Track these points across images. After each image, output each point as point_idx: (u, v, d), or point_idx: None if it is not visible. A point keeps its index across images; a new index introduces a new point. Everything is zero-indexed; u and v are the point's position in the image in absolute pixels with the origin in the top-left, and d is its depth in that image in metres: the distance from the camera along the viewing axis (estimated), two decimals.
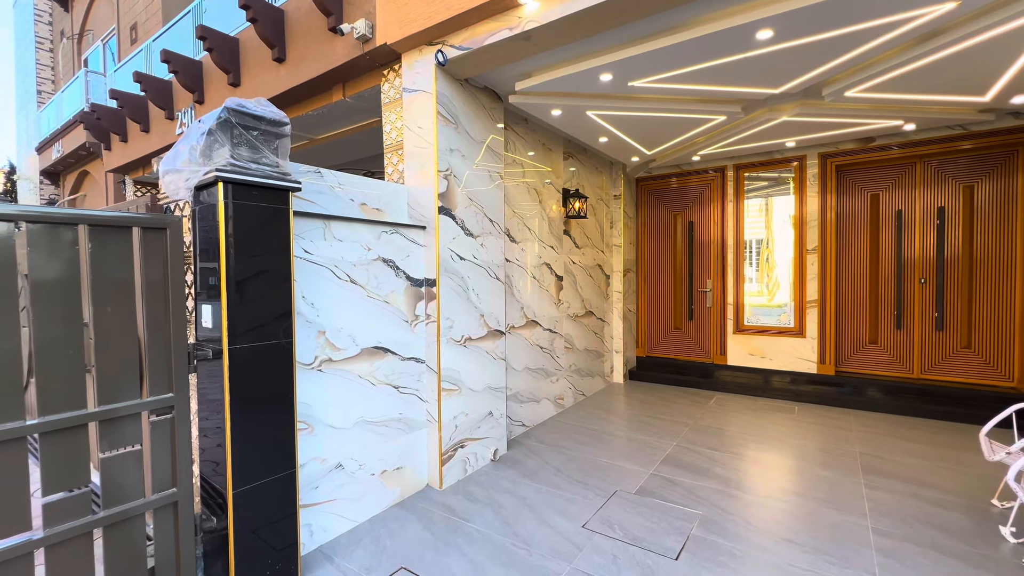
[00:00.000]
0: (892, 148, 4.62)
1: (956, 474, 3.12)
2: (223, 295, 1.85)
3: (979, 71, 3.13)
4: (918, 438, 3.79)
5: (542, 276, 4.30)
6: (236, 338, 1.87)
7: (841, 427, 4.07)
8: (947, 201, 4.53)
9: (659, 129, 4.19)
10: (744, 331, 5.40)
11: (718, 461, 3.39)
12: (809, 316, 5.03)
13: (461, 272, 3.15)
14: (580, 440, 3.84)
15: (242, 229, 1.89)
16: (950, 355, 4.56)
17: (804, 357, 5.06)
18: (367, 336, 2.66)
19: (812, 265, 5.01)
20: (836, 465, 3.28)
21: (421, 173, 3.04)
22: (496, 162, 3.48)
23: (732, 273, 5.45)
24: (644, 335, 6.14)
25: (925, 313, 4.65)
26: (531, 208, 4.15)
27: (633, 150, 4.91)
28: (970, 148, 4.34)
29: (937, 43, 2.77)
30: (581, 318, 5.01)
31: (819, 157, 4.92)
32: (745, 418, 4.35)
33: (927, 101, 3.58)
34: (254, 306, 1.93)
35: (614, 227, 5.70)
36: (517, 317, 3.95)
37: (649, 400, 4.99)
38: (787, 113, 3.85)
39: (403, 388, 2.89)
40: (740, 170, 5.36)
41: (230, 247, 1.86)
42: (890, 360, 4.81)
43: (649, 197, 6.07)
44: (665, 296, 5.99)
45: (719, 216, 5.53)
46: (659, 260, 6.02)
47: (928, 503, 2.75)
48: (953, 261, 4.52)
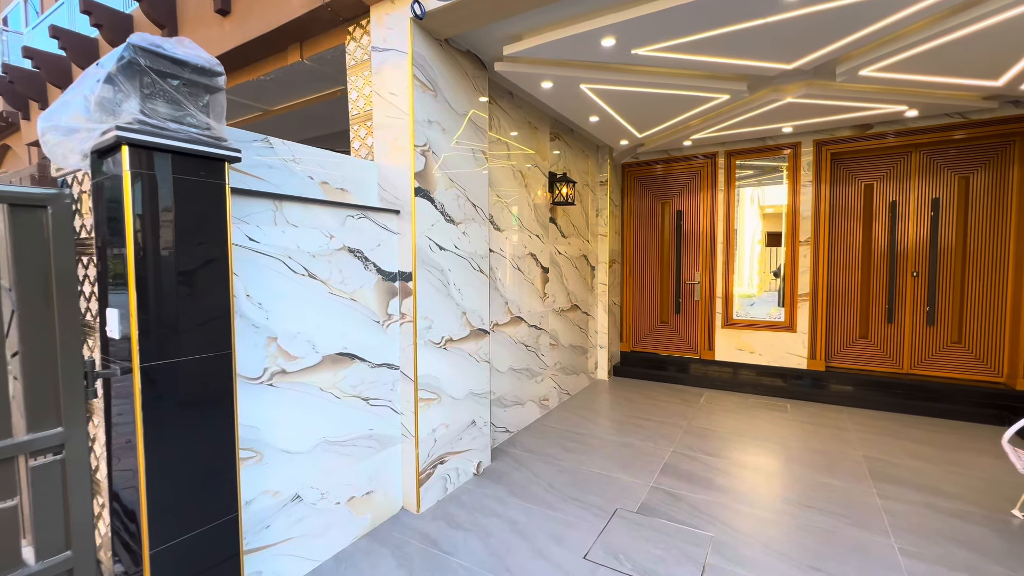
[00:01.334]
0: (888, 136, 4.44)
1: (966, 479, 2.97)
2: (131, 295, 1.39)
3: (999, 52, 2.92)
4: (917, 438, 3.66)
5: (527, 268, 3.93)
6: (151, 350, 1.42)
7: (838, 427, 3.91)
8: (942, 192, 4.41)
9: (656, 108, 3.85)
10: (733, 325, 5.20)
11: (719, 469, 3.14)
12: (800, 310, 4.86)
13: (441, 264, 2.74)
14: (569, 447, 3.52)
15: (158, 209, 1.43)
16: (941, 350, 4.47)
17: (794, 352, 4.91)
18: (330, 341, 2.23)
19: (804, 257, 4.83)
20: (843, 471, 3.09)
21: (394, 148, 2.60)
22: (480, 139, 3.06)
23: (721, 265, 5.23)
24: (629, 329, 5.88)
25: (917, 307, 4.54)
26: (516, 193, 3.76)
27: (624, 132, 4.57)
28: (967, 137, 4.21)
29: (964, 18, 2.52)
30: (566, 312, 4.68)
31: (814, 144, 4.71)
32: (739, 418, 4.14)
33: (938, 84, 3.37)
34: (177, 309, 1.48)
35: (600, 215, 5.37)
36: (501, 313, 3.58)
37: (637, 399, 4.73)
38: (792, 94, 3.58)
39: (374, 400, 2.48)
40: (732, 157, 5.11)
41: (140, 232, 1.40)
42: (880, 355, 4.70)
43: (636, 184, 5.76)
44: (652, 288, 5.73)
45: (709, 205, 5.28)
46: (646, 251, 5.75)
47: (948, 515, 2.56)
48: (946, 254, 4.41)
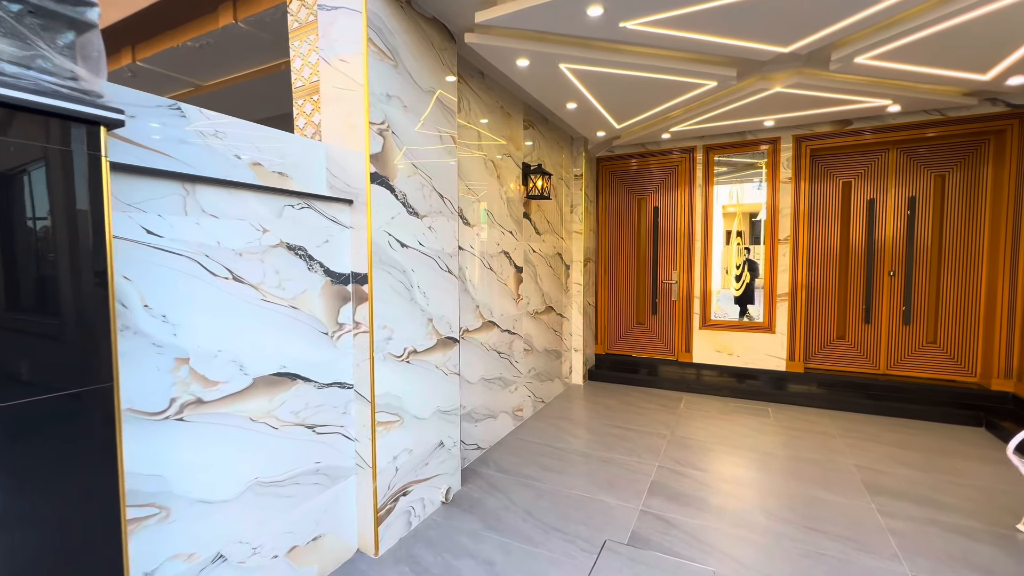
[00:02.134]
0: (865, 133, 4.36)
1: (960, 488, 2.85)
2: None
3: (993, 43, 2.80)
4: (900, 442, 3.55)
5: (500, 267, 3.58)
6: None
7: (822, 432, 3.76)
8: (919, 191, 4.36)
9: (639, 95, 3.58)
10: (711, 326, 5.03)
11: (711, 487, 2.89)
12: (779, 310, 4.73)
13: (402, 263, 2.35)
14: (547, 464, 3.20)
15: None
16: (916, 350, 4.44)
17: (773, 354, 4.78)
18: (264, 359, 1.81)
19: (784, 256, 4.70)
20: (838, 485, 2.90)
21: (346, 126, 2.19)
22: (448, 122, 2.68)
23: (700, 264, 5.04)
24: (604, 331, 5.63)
25: (893, 307, 4.49)
26: (487, 185, 3.40)
27: (602, 122, 4.28)
28: (943, 135, 4.16)
29: (966, 2, 2.35)
30: (541, 315, 4.36)
31: (794, 140, 4.58)
32: (722, 425, 3.94)
33: (928, 76, 3.25)
34: (21, 326, 1.04)
35: (574, 211, 5.08)
36: (472, 318, 3.21)
37: (615, 405, 4.47)
38: (781, 83, 3.38)
39: (322, 427, 2.07)
40: (710, 152, 4.93)
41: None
42: (858, 356, 4.63)
43: (611, 179, 5.51)
44: (627, 288, 5.50)
45: (687, 202, 5.08)
46: (621, 249, 5.51)
47: (953, 532, 2.40)
48: (922, 253, 4.37)
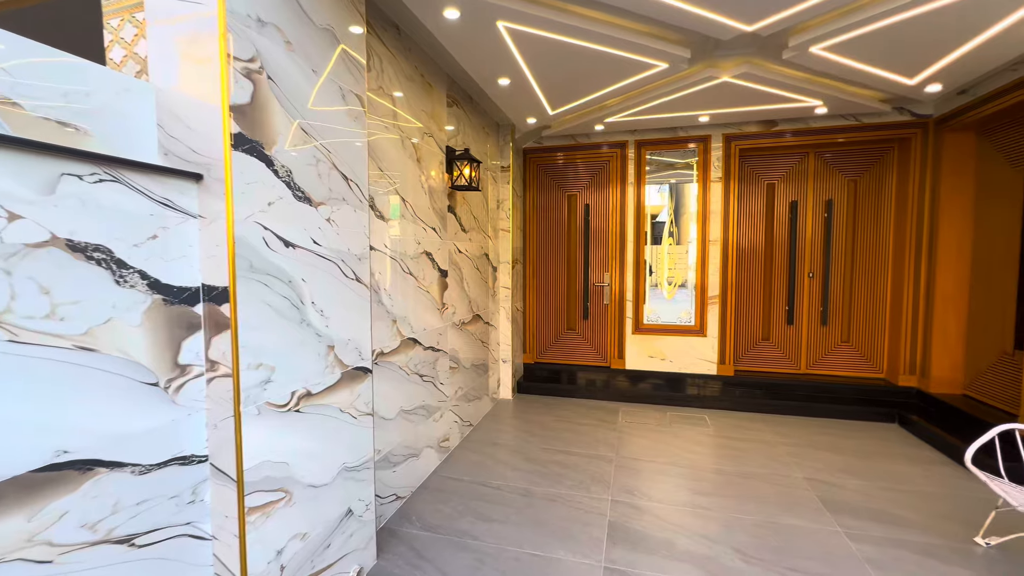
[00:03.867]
0: (787, 135, 4.37)
1: (907, 497, 2.79)
2: None
3: (930, 45, 2.77)
4: (834, 446, 3.53)
5: (422, 271, 2.93)
6: None
7: (762, 441, 3.64)
8: (835, 194, 4.47)
9: (582, 73, 3.13)
10: (644, 331, 4.81)
11: (673, 523, 2.53)
12: (711, 313, 4.63)
13: (287, 271, 1.63)
14: (483, 512, 2.63)
15: None
16: (832, 349, 4.57)
17: (705, 357, 4.67)
18: (18, 446, 1.02)
19: (714, 258, 4.60)
20: (796, 505, 2.70)
21: (190, 60, 1.42)
22: (356, 81, 2.00)
23: (632, 266, 4.79)
24: (534, 338, 5.19)
25: (813, 307, 4.58)
26: (405, 170, 2.74)
27: (534, 106, 3.79)
28: (856, 141, 4.29)
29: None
30: (468, 325, 3.77)
31: (724, 139, 4.48)
32: (665, 440, 3.67)
33: (864, 75, 3.21)
34: None
35: (501, 207, 4.56)
36: (388, 337, 2.53)
37: (550, 423, 4.03)
38: (729, 72, 3.15)
39: (147, 536, 1.30)
40: (642, 147, 4.69)
41: None
42: (781, 357, 4.68)
43: (540, 173, 5.07)
44: (558, 292, 5.11)
45: (618, 200, 4.81)
46: (551, 249, 5.10)
47: (920, 554, 2.26)
48: (838, 255, 4.50)
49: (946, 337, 3.99)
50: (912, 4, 2.32)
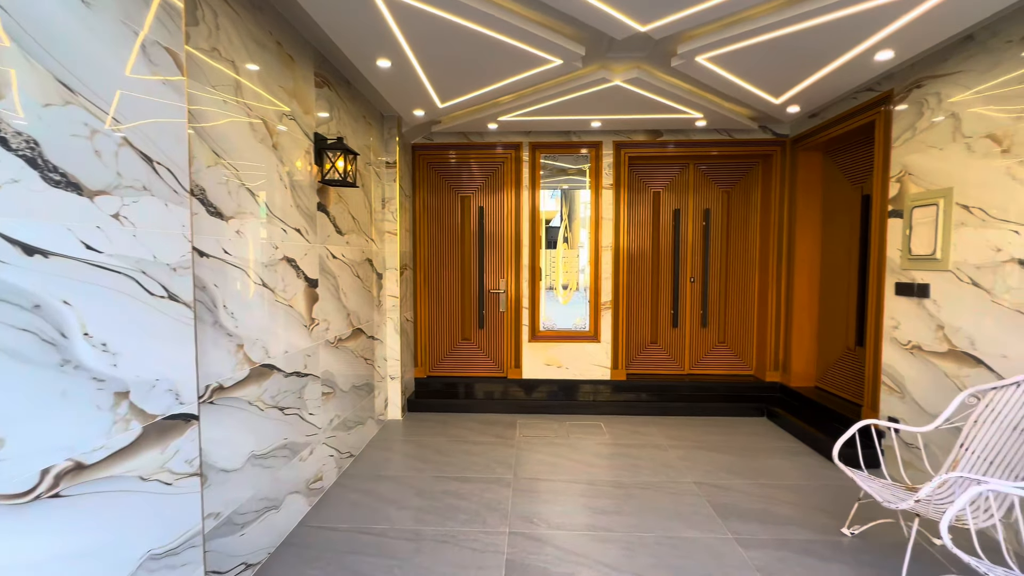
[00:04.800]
0: (670, 146, 4.55)
1: (781, 492, 2.94)
2: None
3: (797, 66, 2.97)
4: (718, 445, 3.68)
5: (282, 281, 2.41)
6: None
7: (655, 446, 3.68)
8: (712, 204, 4.76)
9: (472, 61, 2.85)
10: (540, 338, 4.68)
11: (575, 553, 2.34)
12: (604, 318, 4.65)
13: (32, 290, 1.09)
14: (361, 570, 2.21)
15: None
16: (711, 350, 4.85)
17: (599, 363, 4.67)
18: None
19: (607, 264, 4.63)
20: (692, 514, 2.69)
21: None
22: (166, 31, 1.48)
23: (528, 271, 4.64)
24: (426, 350, 4.80)
25: (694, 311, 4.83)
26: (260, 161, 2.21)
27: (421, 97, 3.43)
28: (727, 155, 4.61)
29: (799, 10, 2.32)
30: (347, 341, 3.28)
31: (614, 146, 4.53)
32: (563, 454, 3.53)
33: (739, 90, 3.37)
34: None
35: (387, 207, 4.11)
36: (231, 366, 2.00)
37: (443, 445, 3.68)
38: (621, 76, 3.10)
39: None
40: (537, 150, 4.56)
41: None
42: (667, 359, 4.86)
43: (430, 172, 4.71)
44: (451, 300, 4.78)
45: (513, 203, 4.63)
46: (444, 254, 4.76)
47: (801, 554, 2.33)
48: (714, 261, 4.79)
49: (802, 336, 4.43)
50: (783, 23, 2.41)
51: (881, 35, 2.50)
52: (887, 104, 3.21)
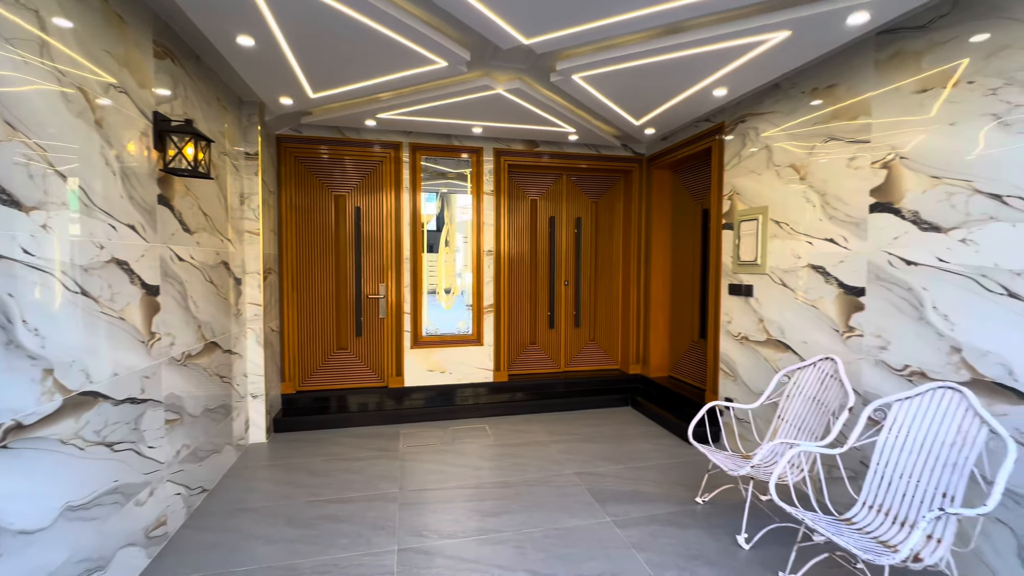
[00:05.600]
0: (545, 156, 4.82)
1: (647, 472, 3.28)
2: None
3: (654, 95, 3.36)
4: (592, 436, 3.97)
5: (108, 289, 1.98)
6: None
7: (537, 442, 3.84)
8: (582, 213, 5.14)
9: (351, 51, 2.67)
10: (423, 344, 4.57)
11: (468, 559, 2.32)
12: (486, 321, 4.71)
13: None
14: None
15: None
16: (583, 347, 5.23)
17: (482, 366, 4.72)
18: None
19: (489, 268, 4.70)
20: (573, 504, 2.86)
21: None
22: None
23: (409, 276, 4.50)
24: (295, 363, 4.35)
25: (568, 312, 5.16)
26: (73, 135, 1.78)
27: (291, 83, 3.11)
28: (595, 168, 5.03)
29: (667, 42, 2.62)
30: (197, 357, 2.82)
31: (495, 153, 4.63)
32: (450, 460, 3.49)
33: (606, 109, 3.69)
34: None
35: (247, 203, 3.64)
36: (31, 398, 1.57)
37: (318, 465, 3.38)
38: (504, 86, 3.18)
39: None
40: (417, 152, 4.45)
41: None
42: (545, 358, 5.11)
43: (299, 167, 4.29)
44: (325, 306, 4.41)
45: (393, 205, 4.45)
46: (316, 257, 4.37)
47: (666, 525, 2.63)
48: (585, 265, 5.18)
49: (658, 331, 5.02)
50: (647, 53, 2.71)
51: (719, 74, 2.95)
52: (720, 133, 3.80)
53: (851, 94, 2.69)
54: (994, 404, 2.02)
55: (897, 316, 2.43)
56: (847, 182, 2.71)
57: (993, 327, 2.03)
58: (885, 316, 2.49)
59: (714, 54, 2.68)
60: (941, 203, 2.23)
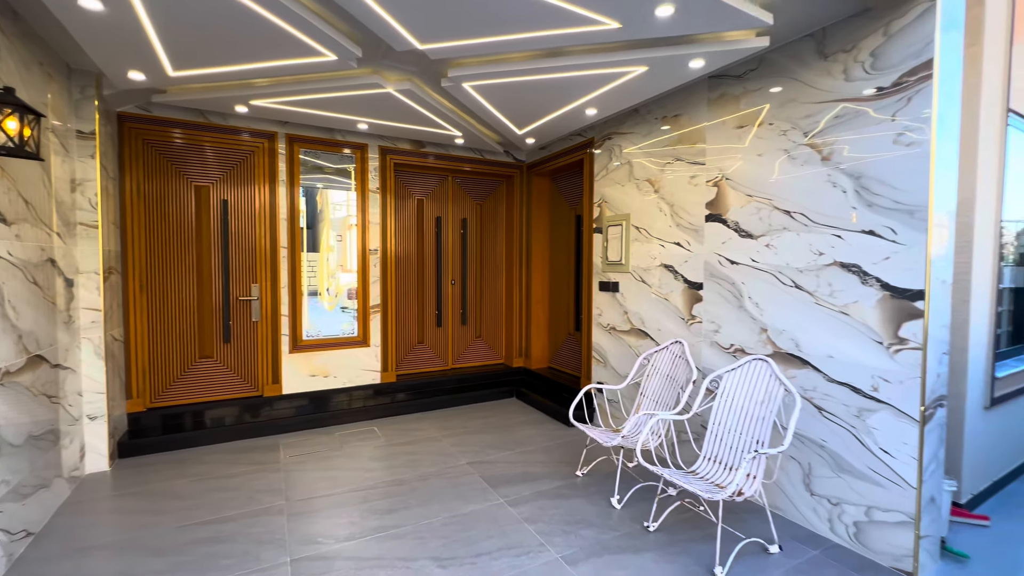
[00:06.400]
0: (430, 158, 4.89)
1: (533, 455, 3.57)
2: None
3: (535, 109, 3.66)
4: (482, 428, 4.17)
5: None
6: None
7: (429, 439, 3.90)
8: (467, 214, 5.31)
9: (228, 31, 2.45)
10: (304, 348, 4.31)
11: (369, 557, 2.33)
12: (373, 322, 4.62)
13: None
14: None
15: None
16: (471, 344, 5.41)
17: (370, 368, 4.62)
18: None
19: (375, 267, 4.61)
20: (469, 491, 3.01)
21: None
22: None
23: (287, 275, 4.21)
24: (145, 377, 3.79)
25: (455, 310, 5.29)
26: None
27: (145, 56, 2.72)
28: (478, 172, 5.25)
29: (546, 64, 2.91)
30: (16, 375, 2.34)
31: (380, 151, 4.56)
32: (340, 465, 3.39)
33: (494, 118, 3.91)
34: None
35: (80, 190, 3.09)
36: None
37: (183, 488, 3.02)
38: (394, 85, 3.19)
39: None
40: (295, 143, 4.19)
41: None
42: (434, 356, 5.18)
43: (148, 151, 3.74)
44: (185, 310, 3.91)
45: (268, 200, 4.12)
46: (170, 255, 3.85)
47: (553, 499, 2.91)
48: (471, 265, 5.36)
49: (539, 326, 5.42)
50: (531, 71, 2.97)
51: (591, 96, 3.35)
52: (591, 147, 4.28)
53: (691, 123, 3.28)
54: (788, 370, 2.66)
55: (725, 305, 3.04)
56: (689, 196, 3.29)
57: (786, 311, 2.68)
58: (717, 305, 3.09)
59: (587, 78, 3.05)
60: (753, 216, 2.85)
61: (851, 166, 2.38)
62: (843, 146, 2.42)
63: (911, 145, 2.17)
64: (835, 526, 2.47)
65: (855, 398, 2.38)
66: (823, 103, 2.50)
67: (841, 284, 2.43)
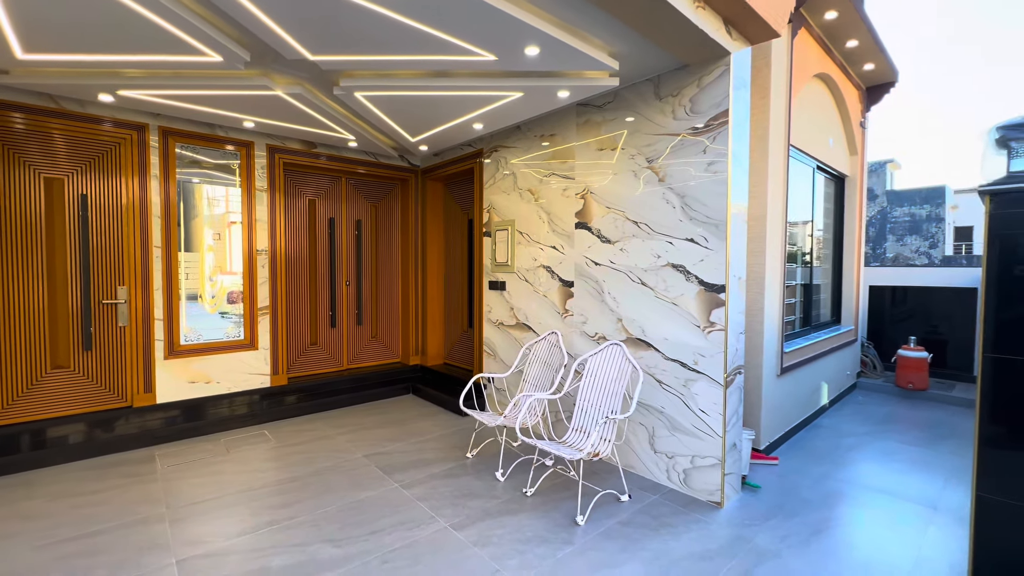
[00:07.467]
0: (322, 158, 4.89)
1: (428, 443, 3.81)
2: None
3: (427, 119, 3.91)
4: (379, 423, 4.31)
5: None
6: None
7: (324, 437, 3.95)
8: (362, 215, 5.37)
9: (98, 26, 2.35)
10: (182, 353, 4.07)
11: (262, 548, 2.40)
12: (261, 324, 4.50)
13: None
14: None
15: None
16: (366, 345, 5.47)
17: (258, 371, 4.49)
18: None
19: (263, 268, 4.50)
20: (364, 480, 3.17)
21: None
22: None
23: (162, 276, 3.95)
24: None
25: (350, 311, 5.32)
26: None
27: None
28: (373, 174, 5.34)
29: (433, 83, 3.19)
30: None
31: (268, 149, 4.46)
32: (229, 470, 3.33)
33: (386, 125, 4.07)
34: None
35: None
36: None
37: (35, 509, 2.77)
38: (284, 88, 3.23)
39: None
40: (170, 137, 3.95)
41: None
42: (328, 358, 5.16)
43: None
44: (28, 317, 3.50)
45: (137, 195, 3.83)
46: (11, 255, 3.43)
47: (444, 479, 3.20)
48: (366, 266, 5.43)
49: (434, 324, 5.65)
50: (420, 88, 3.22)
51: (477, 113, 3.69)
52: (480, 157, 4.63)
53: (564, 142, 3.77)
54: (637, 352, 3.24)
55: (591, 300, 3.57)
56: (563, 206, 3.78)
57: (635, 304, 3.26)
58: (585, 300, 3.61)
59: (472, 98, 3.38)
60: (611, 225, 3.41)
61: (679, 187, 3.01)
62: (674, 171, 3.04)
63: (716, 173, 2.82)
64: (671, 475, 3.08)
65: (683, 371, 3.01)
66: (660, 135, 3.11)
67: (673, 281, 3.05)
